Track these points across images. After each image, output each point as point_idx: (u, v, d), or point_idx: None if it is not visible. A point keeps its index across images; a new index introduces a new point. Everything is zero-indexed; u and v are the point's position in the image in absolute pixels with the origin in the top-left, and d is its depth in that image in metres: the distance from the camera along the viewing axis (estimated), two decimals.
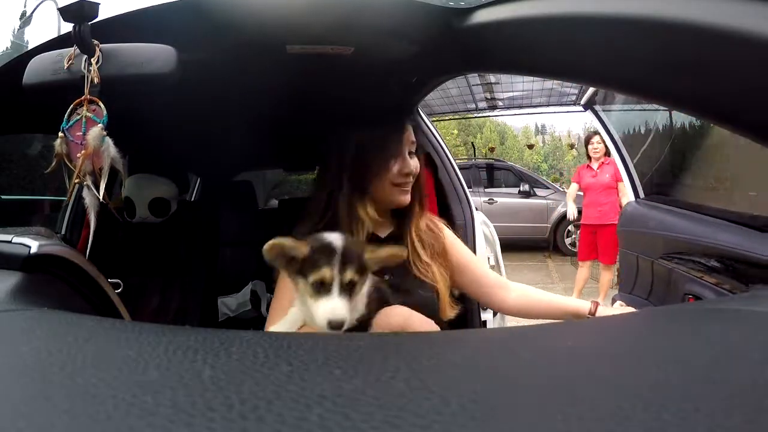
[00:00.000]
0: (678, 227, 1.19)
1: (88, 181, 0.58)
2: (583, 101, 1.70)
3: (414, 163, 0.82)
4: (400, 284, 0.75)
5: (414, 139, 0.83)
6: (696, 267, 1.05)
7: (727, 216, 1.07)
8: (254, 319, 1.52)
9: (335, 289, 0.55)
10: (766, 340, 0.20)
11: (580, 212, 3.33)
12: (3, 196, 3.98)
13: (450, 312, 0.82)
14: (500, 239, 1.48)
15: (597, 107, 1.85)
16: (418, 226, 0.85)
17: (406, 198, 0.82)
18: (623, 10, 0.47)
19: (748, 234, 0.96)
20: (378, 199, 0.81)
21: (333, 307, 0.55)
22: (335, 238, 0.59)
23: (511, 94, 5.24)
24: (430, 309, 0.75)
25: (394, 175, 0.80)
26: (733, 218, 1.04)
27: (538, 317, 0.86)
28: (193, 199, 2.38)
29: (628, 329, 0.24)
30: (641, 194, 1.64)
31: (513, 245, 4.94)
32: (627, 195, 1.74)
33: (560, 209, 5.12)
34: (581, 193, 3.34)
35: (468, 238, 1.30)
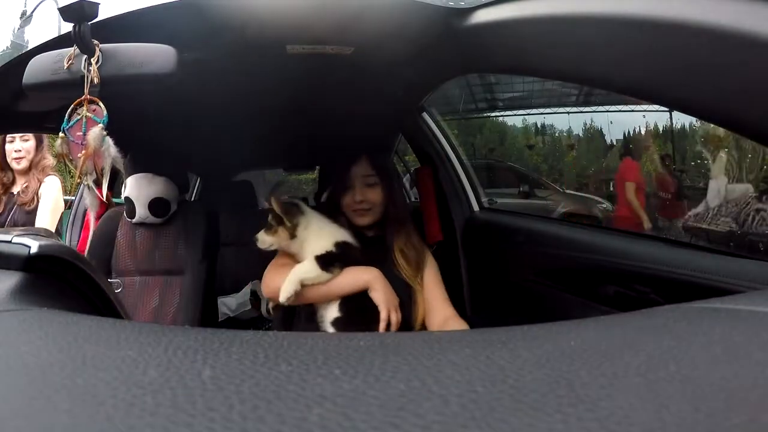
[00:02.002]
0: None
1: (89, 181, 0.58)
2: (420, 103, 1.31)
3: (369, 193, 0.97)
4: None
5: (370, 171, 0.97)
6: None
7: None
8: (254, 319, 1.52)
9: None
10: (766, 340, 0.20)
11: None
12: None
13: (420, 314, 0.97)
14: None
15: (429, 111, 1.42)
16: (400, 237, 1.00)
17: (363, 220, 0.98)
18: (624, 10, 0.47)
19: None
20: (347, 215, 0.99)
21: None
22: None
23: (511, 94, 5.23)
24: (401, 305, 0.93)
25: (347, 203, 0.97)
26: None
27: None
28: (193, 199, 2.38)
29: (629, 328, 0.24)
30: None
31: None
32: None
33: (560, 210, 5.10)
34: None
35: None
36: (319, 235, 0.90)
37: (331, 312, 0.88)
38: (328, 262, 0.87)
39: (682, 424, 0.14)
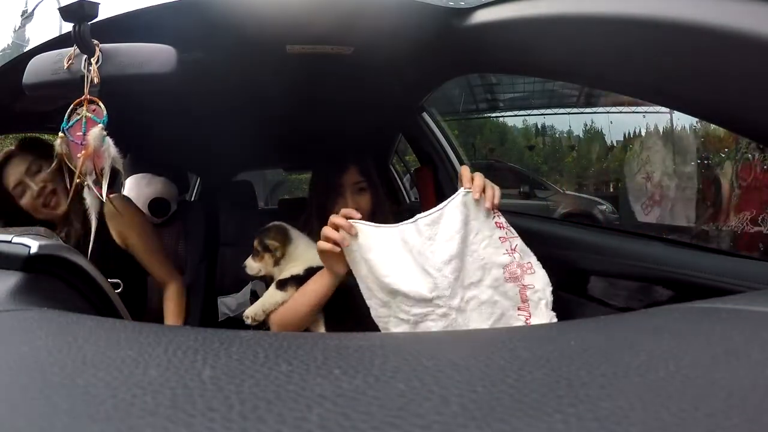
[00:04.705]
0: None
1: (89, 181, 0.58)
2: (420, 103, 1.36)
3: (360, 200, 0.95)
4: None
5: (359, 178, 0.96)
6: None
7: None
8: None
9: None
10: (766, 340, 0.20)
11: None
12: None
13: None
14: None
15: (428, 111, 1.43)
16: None
17: None
18: (624, 10, 0.47)
19: None
20: None
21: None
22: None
23: (511, 94, 5.23)
24: None
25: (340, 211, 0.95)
26: None
27: None
28: (193, 199, 2.38)
29: (629, 328, 0.24)
30: None
31: None
32: None
33: (560, 210, 5.09)
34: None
35: None
36: (300, 260, 0.89)
37: (320, 331, 0.88)
38: (285, 283, 0.86)
39: (682, 424, 0.14)
